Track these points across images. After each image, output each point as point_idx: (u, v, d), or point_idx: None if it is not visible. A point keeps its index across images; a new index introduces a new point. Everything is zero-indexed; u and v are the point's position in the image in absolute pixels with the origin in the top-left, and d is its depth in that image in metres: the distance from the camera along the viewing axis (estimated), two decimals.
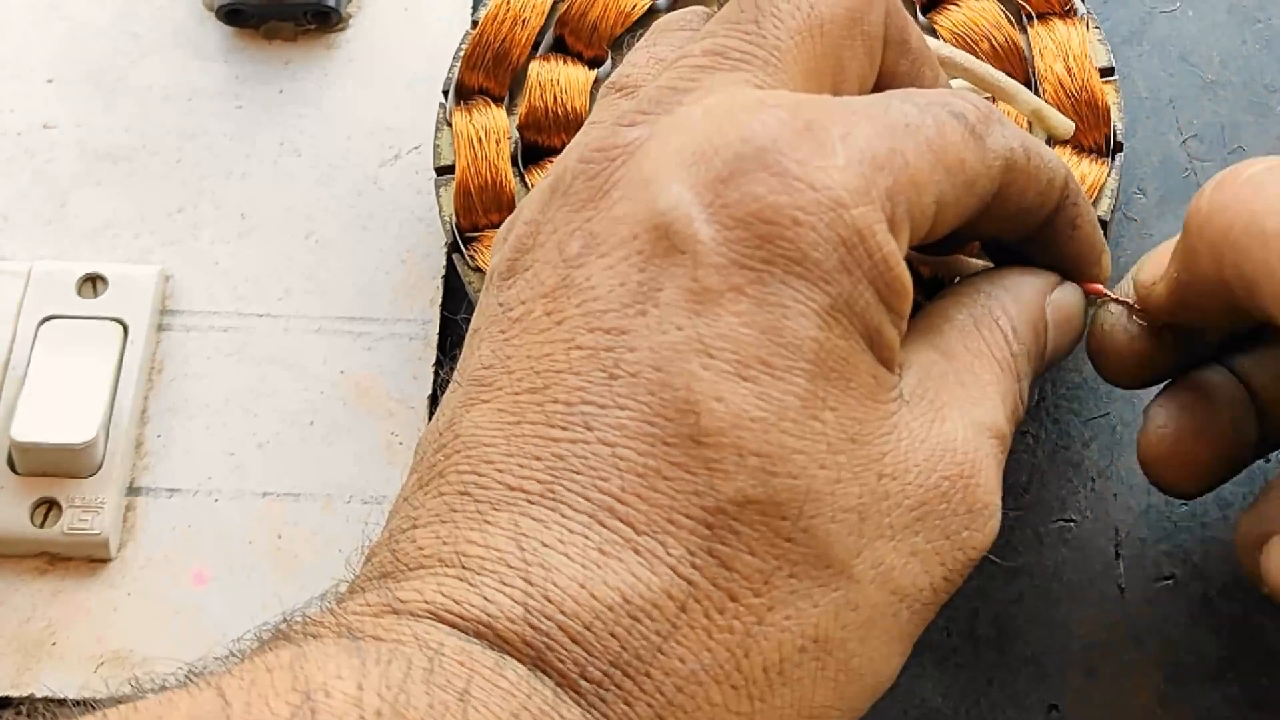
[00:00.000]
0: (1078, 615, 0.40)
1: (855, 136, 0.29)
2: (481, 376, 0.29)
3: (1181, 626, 0.40)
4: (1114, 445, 0.42)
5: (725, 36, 0.32)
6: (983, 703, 0.40)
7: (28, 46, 0.50)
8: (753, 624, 0.26)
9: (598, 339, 0.28)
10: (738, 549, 0.26)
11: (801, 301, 0.28)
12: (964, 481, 0.29)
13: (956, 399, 0.30)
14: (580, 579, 0.26)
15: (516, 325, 0.29)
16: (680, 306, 0.27)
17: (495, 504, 0.27)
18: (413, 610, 0.26)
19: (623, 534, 0.26)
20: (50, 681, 0.40)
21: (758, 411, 0.27)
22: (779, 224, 0.28)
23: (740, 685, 0.26)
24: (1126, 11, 0.48)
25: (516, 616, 0.25)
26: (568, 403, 0.27)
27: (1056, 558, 0.41)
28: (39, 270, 0.45)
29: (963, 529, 0.29)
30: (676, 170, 0.28)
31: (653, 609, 0.26)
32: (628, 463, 0.27)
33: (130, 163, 0.48)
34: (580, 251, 0.29)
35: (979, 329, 0.32)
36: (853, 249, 0.28)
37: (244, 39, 0.50)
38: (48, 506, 0.42)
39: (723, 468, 0.26)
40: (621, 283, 0.28)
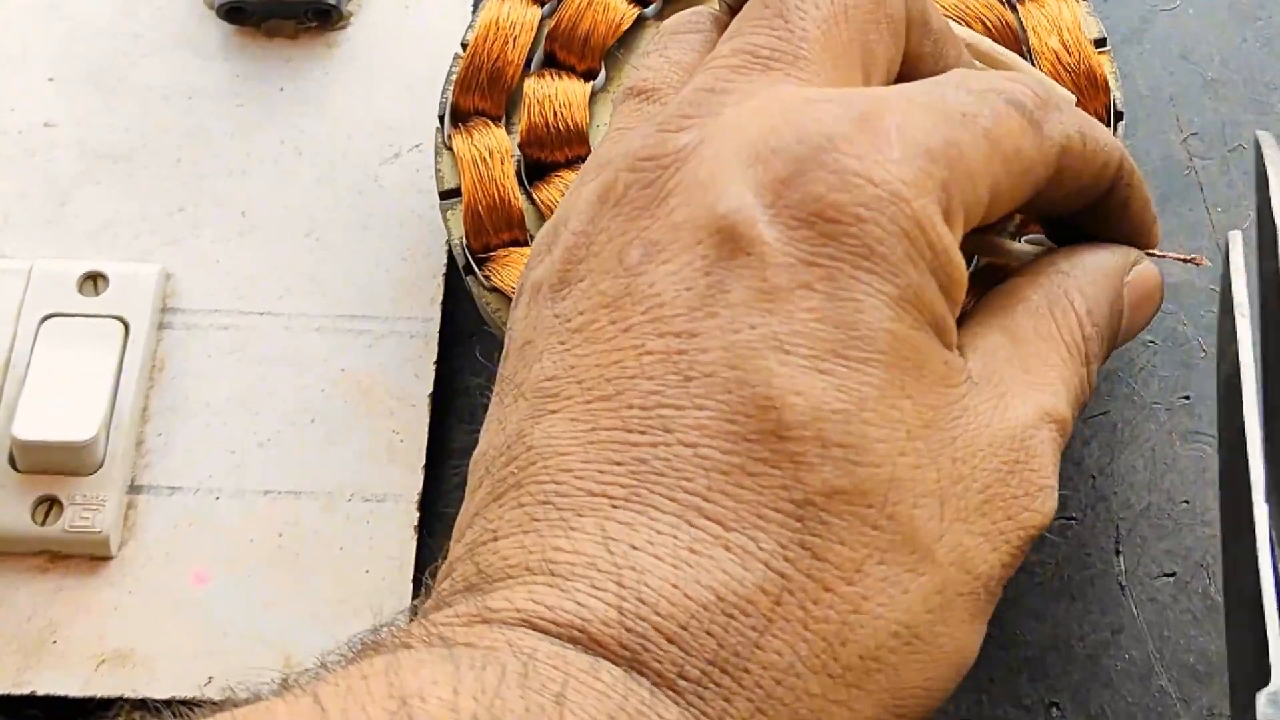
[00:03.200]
0: (1079, 613, 0.40)
1: (911, 128, 0.29)
2: (546, 388, 0.29)
3: (1183, 624, 0.40)
4: (1114, 443, 0.42)
5: (752, 34, 0.31)
6: (983, 701, 0.40)
7: (28, 45, 0.50)
8: (848, 613, 0.26)
9: (668, 343, 0.28)
10: (829, 540, 0.27)
11: (872, 294, 0.28)
12: (1022, 466, 0.30)
13: (1020, 384, 0.31)
14: (673, 579, 0.26)
15: (577, 335, 0.29)
16: (751, 306, 0.27)
17: (579, 510, 0.27)
18: (504, 619, 0.26)
19: (712, 532, 0.26)
20: (51, 680, 0.40)
21: (838, 403, 0.27)
22: (843, 221, 0.28)
23: (838, 674, 0.26)
24: (1127, 10, 0.48)
25: (611, 619, 0.25)
26: (644, 407, 0.27)
27: (1057, 555, 0.41)
28: (40, 268, 0.45)
29: (1023, 510, 0.29)
30: (736, 173, 0.28)
31: (748, 605, 0.26)
32: (711, 461, 0.27)
33: (131, 161, 0.48)
34: (641, 259, 0.29)
35: (1052, 310, 0.32)
36: (915, 241, 0.28)
37: (244, 37, 0.50)
38: (49, 504, 0.42)
39: (807, 460, 0.27)
40: (688, 287, 0.28)
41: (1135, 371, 0.43)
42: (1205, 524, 0.41)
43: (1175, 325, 0.44)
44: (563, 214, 0.32)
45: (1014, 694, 0.40)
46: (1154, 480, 0.42)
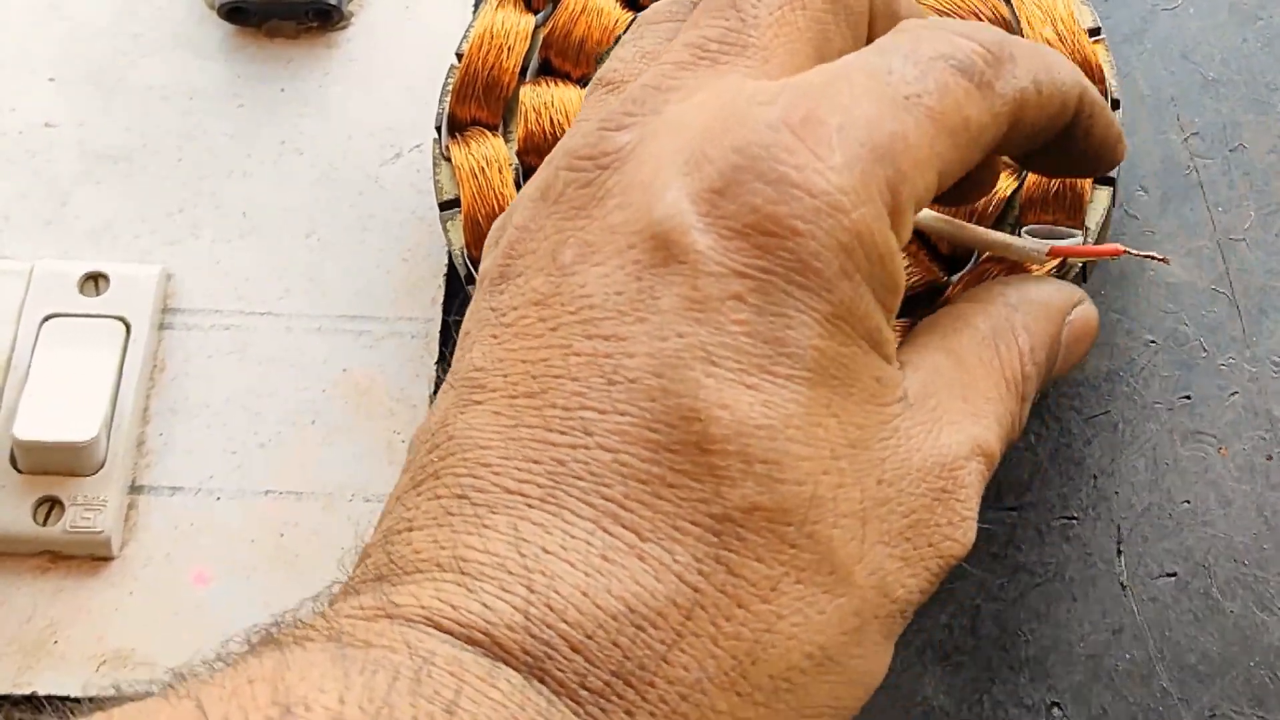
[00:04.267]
0: (1080, 613, 0.40)
1: (853, 125, 0.28)
2: (474, 378, 0.29)
3: (1184, 623, 0.40)
4: (1115, 442, 0.42)
5: (705, 26, 0.31)
6: (985, 701, 0.40)
7: (28, 45, 0.50)
8: (761, 631, 0.26)
9: (595, 345, 0.27)
10: (745, 556, 0.26)
11: (803, 310, 0.27)
12: (948, 496, 0.29)
13: (957, 411, 0.30)
14: (583, 587, 0.25)
15: (509, 330, 0.29)
16: (680, 314, 0.27)
17: (494, 508, 0.26)
18: (407, 615, 0.25)
19: (627, 541, 0.26)
20: (51, 680, 0.40)
21: (763, 419, 0.27)
22: (778, 234, 0.27)
23: (746, 692, 0.26)
24: (1128, 10, 0.48)
25: (516, 624, 0.25)
26: (566, 408, 0.27)
27: (1058, 555, 0.41)
28: (41, 269, 0.45)
29: (945, 539, 0.29)
30: (672, 178, 0.28)
31: (658, 617, 0.25)
32: (630, 469, 0.26)
33: (131, 161, 0.48)
34: (574, 259, 0.28)
35: (997, 343, 0.32)
36: (852, 253, 0.28)
37: (245, 37, 0.50)
38: (50, 505, 0.42)
39: (729, 475, 0.26)
40: (619, 291, 0.28)
41: (1136, 371, 0.43)
42: (1206, 524, 0.41)
43: (1176, 325, 0.44)
44: (511, 208, 0.32)
45: (1015, 694, 0.40)
46: (1155, 480, 0.42)
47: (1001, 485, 0.42)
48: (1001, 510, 0.42)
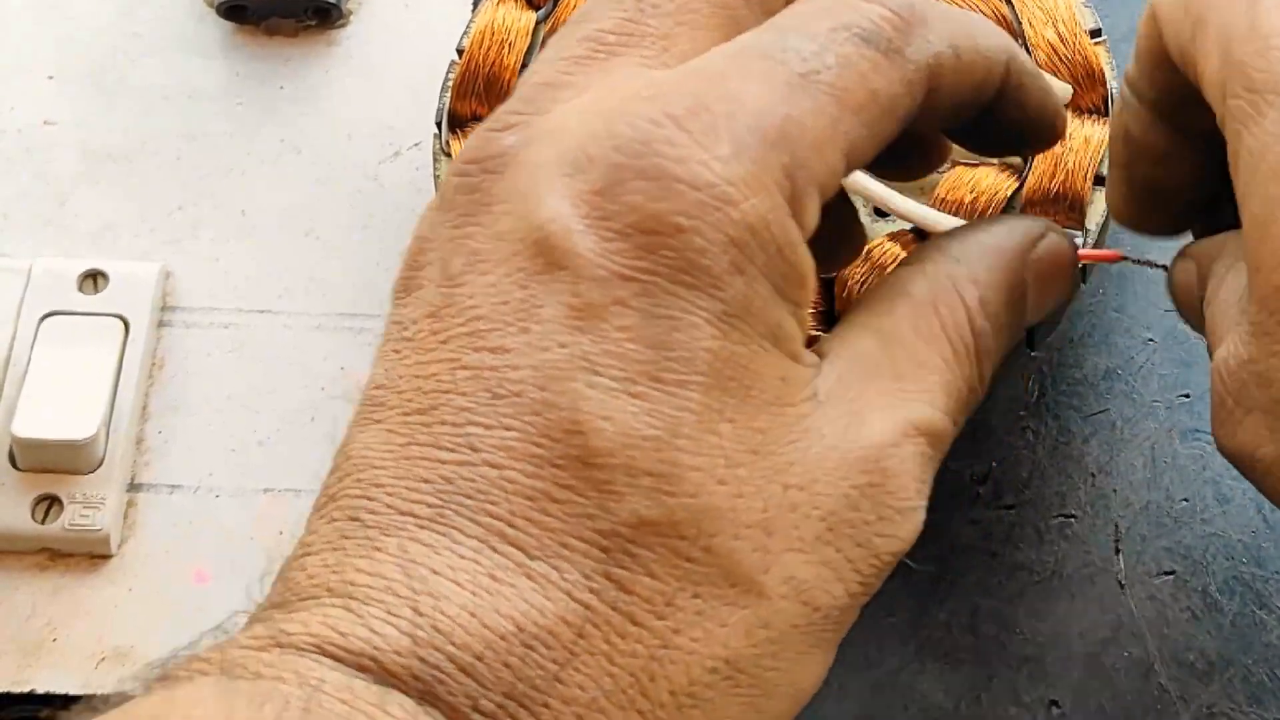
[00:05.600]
0: (1078, 611, 0.40)
1: (742, 112, 0.27)
2: (373, 396, 0.28)
3: (1182, 622, 0.40)
4: (1114, 441, 0.42)
5: (601, 18, 0.30)
6: (983, 699, 0.40)
7: (28, 43, 0.50)
8: (657, 648, 0.25)
9: (482, 358, 0.26)
10: (636, 572, 0.25)
11: (691, 312, 0.26)
12: (876, 489, 0.27)
13: (885, 396, 0.28)
14: (471, 607, 0.25)
15: (408, 344, 0.28)
16: (561, 323, 0.26)
17: (385, 529, 0.26)
18: (297, 644, 0.25)
19: (515, 559, 0.25)
20: (50, 678, 0.40)
21: (649, 430, 0.25)
22: (662, 233, 0.26)
23: (646, 710, 0.25)
24: (1128, 10, 0.48)
25: (404, 649, 0.24)
26: (454, 424, 0.26)
27: (1057, 553, 0.41)
28: (40, 267, 0.45)
29: (875, 536, 0.27)
30: (554, 182, 0.27)
31: (548, 636, 0.25)
32: (516, 485, 0.25)
33: (131, 160, 0.48)
34: (463, 269, 0.27)
35: (937, 306, 0.30)
36: (744, 247, 0.26)
37: (244, 36, 0.50)
38: (49, 503, 0.42)
39: (615, 489, 0.25)
40: (504, 300, 0.27)
41: (1134, 370, 0.43)
42: (1205, 522, 0.41)
43: (1175, 323, 0.44)
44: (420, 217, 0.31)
45: (1013, 692, 0.40)
46: (1153, 478, 0.42)
47: (1000, 483, 0.42)
48: (1000, 508, 0.42)
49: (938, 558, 0.41)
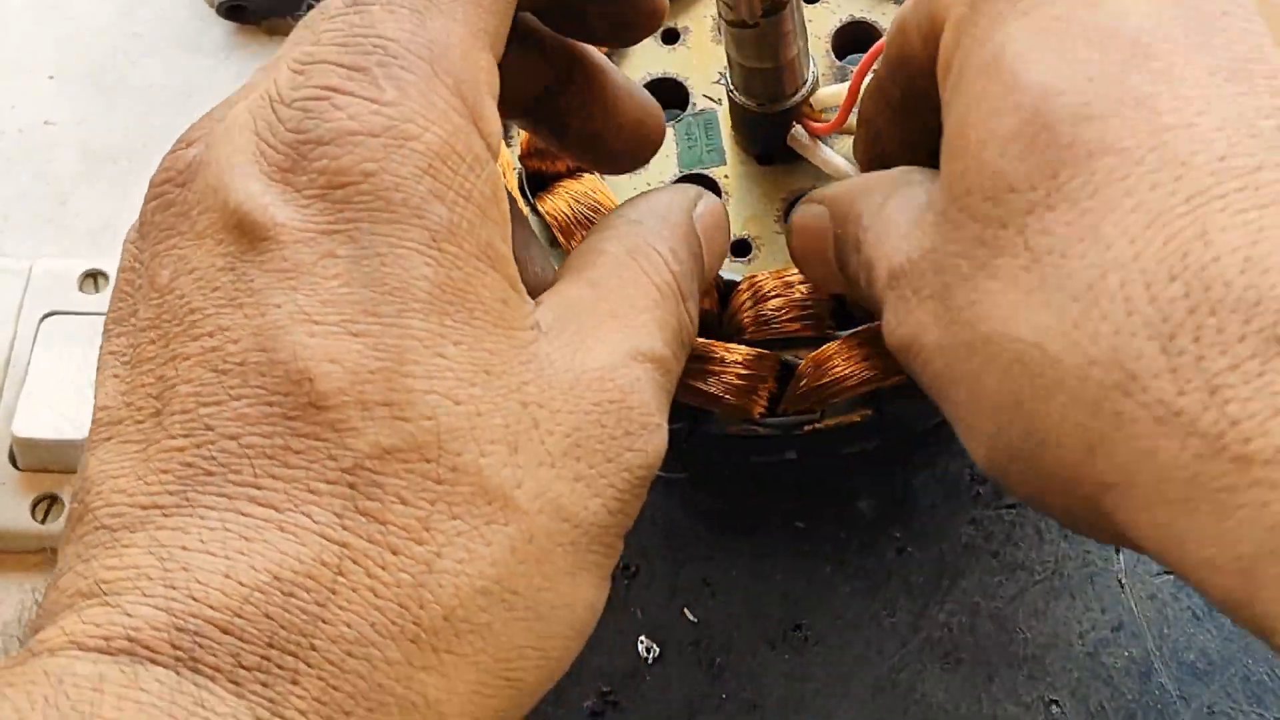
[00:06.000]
0: (1078, 610, 0.40)
1: (392, 51, 0.27)
2: (101, 418, 0.28)
3: (1182, 621, 0.40)
4: None
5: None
6: (983, 699, 0.40)
7: (29, 43, 0.50)
8: (422, 573, 0.25)
9: (202, 344, 0.27)
10: (387, 501, 0.25)
11: (398, 245, 0.26)
12: (616, 405, 0.28)
13: (604, 329, 0.29)
14: (224, 570, 0.25)
15: (126, 367, 0.28)
16: (274, 287, 0.26)
17: (131, 527, 0.25)
18: (50, 647, 0.24)
19: (265, 517, 0.25)
20: None
21: (375, 363, 0.26)
22: (353, 183, 0.26)
23: (419, 638, 0.25)
24: None
25: (160, 623, 0.24)
26: (184, 411, 0.26)
27: (1057, 553, 0.41)
28: (40, 267, 0.45)
29: (625, 450, 0.28)
30: (241, 169, 0.27)
31: (307, 580, 0.25)
32: (256, 449, 0.26)
33: (131, 160, 0.48)
34: (171, 276, 0.28)
35: (635, 258, 0.31)
36: (438, 174, 0.27)
37: (245, 35, 0.50)
38: (49, 502, 0.42)
39: (351, 425, 0.25)
40: (215, 287, 0.27)
41: None
42: None
43: None
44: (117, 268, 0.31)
45: (1013, 691, 0.40)
46: None
47: None
48: (1000, 508, 0.42)
49: (938, 557, 0.41)
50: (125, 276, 0.29)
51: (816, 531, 0.42)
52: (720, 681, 0.40)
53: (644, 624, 0.41)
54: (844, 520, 0.42)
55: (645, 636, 0.41)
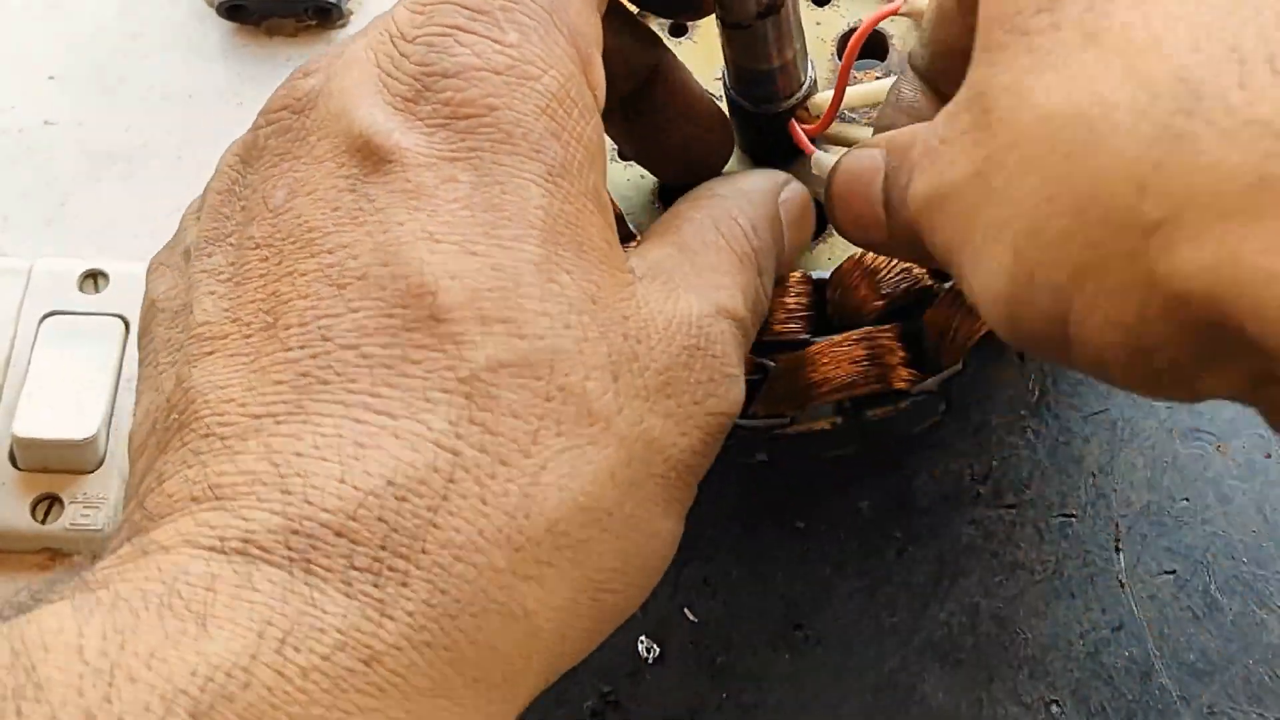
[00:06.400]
0: (1078, 611, 0.40)
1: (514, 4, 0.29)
2: (201, 333, 0.28)
3: (1182, 621, 0.40)
4: (1114, 441, 0.42)
5: None
6: (983, 699, 0.40)
7: (29, 43, 0.50)
8: (528, 485, 0.26)
9: (320, 260, 0.28)
10: (499, 413, 0.26)
11: (518, 174, 0.28)
12: (702, 352, 0.30)
13: (691, 284, 0.31)
14: (339, 475, 0.25)
15: (229, 284, 0.29)
16: (398, 207, 0.27)
17: (243, 435, 0.26)
18: (164, 546, 0.25)
19: (380, 424, 0.26)
20: None
21: (493, 282, 0.27)
22: (476, 114, 0.28)
23: (523, 547, 0.26)
24: None
25: (276, 526, 0.25)
26: (301, 324, 0.27)
27: (1057, 553, 0.41)
28: (40, 267, 0.45)
29: (709, 395, 0.30)
30: (363, 97, 0.29)
31: (420, 485, 0.25)
32: (374, 358, 0.26)
33: (131, 160, 0.48)
34: (286, 198, 0.29)
35: (718, 226, 0.33)
36: (554, 114, 0.28)
37: (245, 36, 0.50)
38: (49, 502, 0.42)
39: (469, 338, 0.26)
40: (335, 207, 0.28)
41: None
42: (1205, 521, 0.41)
43: None
44: (208, 184, 0.32)
45: (1014, 692, 0.40)
46: (1154, 478, 0.42)
47: (1000, 483, 0.42)
48: (1000, 508, 0.42)
49: (938, 557, 0.41)
50: (222, 198, 0.31)
51: (817, 531, 0.42)
52: (720, 681, 0.40)
53: (644, 624, 0.41)
54: (844, 520, 0.42)
55: (645, 636, 0.41)
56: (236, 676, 0.23)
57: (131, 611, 0.24)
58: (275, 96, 0.31)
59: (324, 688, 0.24)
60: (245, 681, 0.23)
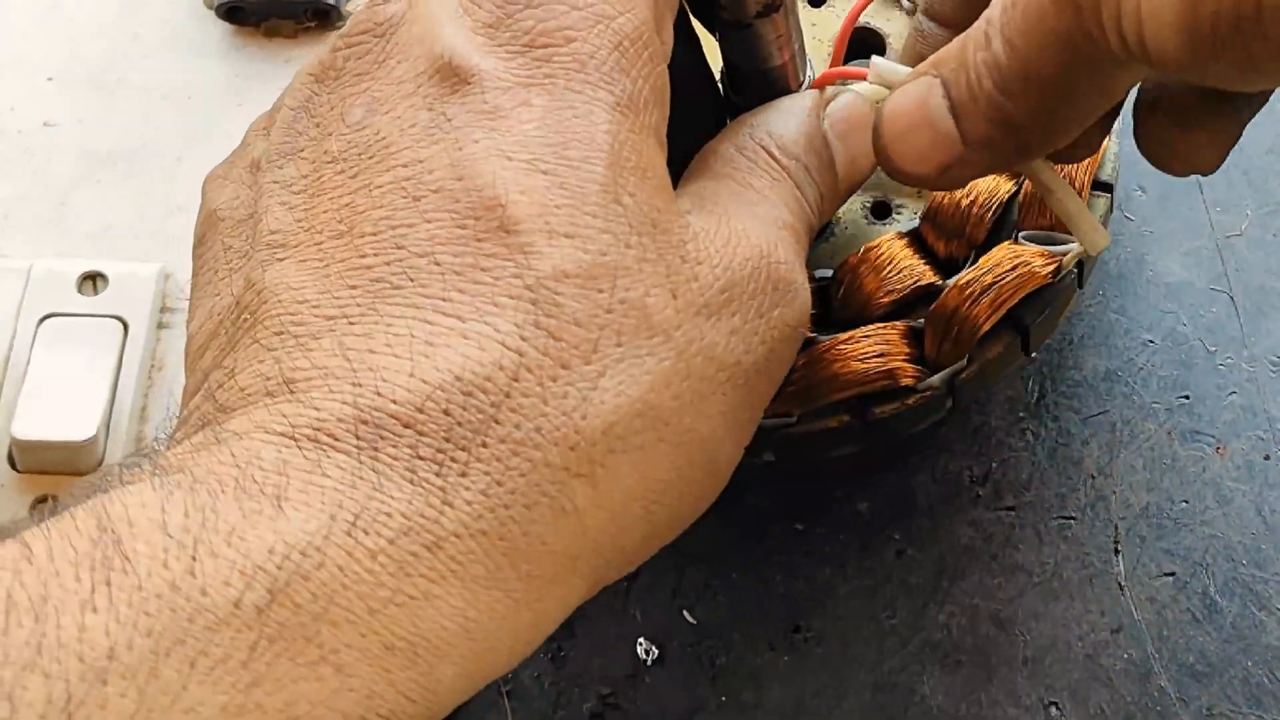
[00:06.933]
0: (1077, 613, 0.40)
1: None
2: (273, 240, 0.30)
3: (1182, 623, 0.40)
4: (1114, 442, 0.42)
5: None
6: (983, 700, 0.40)
7: (28, 45, 0.50)
8: (587, 389, 0.27)
9: (396, 174, 0.29)
10: (563, 320, 0.27)
11: (589, 100, 0.29)
12: (764, 261, 0.31)
13: (734, 205, 0.32)
14: (409, 370, 0.26)
15: (302, 195, 0.30)
16: (474, 125, 0.29)
17: (317, 334, 0.28)
18: (237, 432, 0.26)
19: (449, 325, 0.27)
20: None
21: (561, 198, 0.28)
22: (554, 44, 0.29)
23: (577, 445, 0.27)
24: None
25: (346, 416, 0.26)
26: (375, 233, 0.28)
27: (1056, 555, 0.41)
28: (39, 268, 0.45)
29: (774, 307, 0.31)
30: (446, 23, 0.30)
31: (485, 382, 0.27)
32: (445, 265, 0.28)
33: (131, 161, 0.48)
34: (364, 115, 0.30)
35: (741, 152, 0.34)
36: (626, 52, 0.30)
37: (244, 37, 0.50)
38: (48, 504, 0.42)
39: (536, 249, 0.28)
40: (412, 124, 0.29)
41: (1134, 371, 0.43)
42: (1205, 523, 0.41)
43: (1175, 325, 0.44)
44: (279, 101, 0.33)
45: (1013, 693, 0.40)
46: (1153, 480, 0.42)
47: (999, 485, 0.42)
48: (999, 510, 0.42)
49: (937, 559, 0.41)
50: (295, 114, 0.32)
51: (816, 533, 0.42)
52: (720, 683, 0.40)
53: (643, 626, 0.41)
54: (843, 521, 0.42)
55: (645, 639, 0.41)
56: (311, 556, 0.24)
57: (210, 492, 0.25)
58: (355, 20, 0.32)
59: (390, 571, 0.25)
60: (319, 561, 0.24)
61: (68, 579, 0.23)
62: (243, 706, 0.23)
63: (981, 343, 0.38)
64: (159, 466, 0.26)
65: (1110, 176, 0.40)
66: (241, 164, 0.33)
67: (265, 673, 0.24)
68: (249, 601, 0.24)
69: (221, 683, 0.23)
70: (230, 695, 0.23)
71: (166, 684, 0.23)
